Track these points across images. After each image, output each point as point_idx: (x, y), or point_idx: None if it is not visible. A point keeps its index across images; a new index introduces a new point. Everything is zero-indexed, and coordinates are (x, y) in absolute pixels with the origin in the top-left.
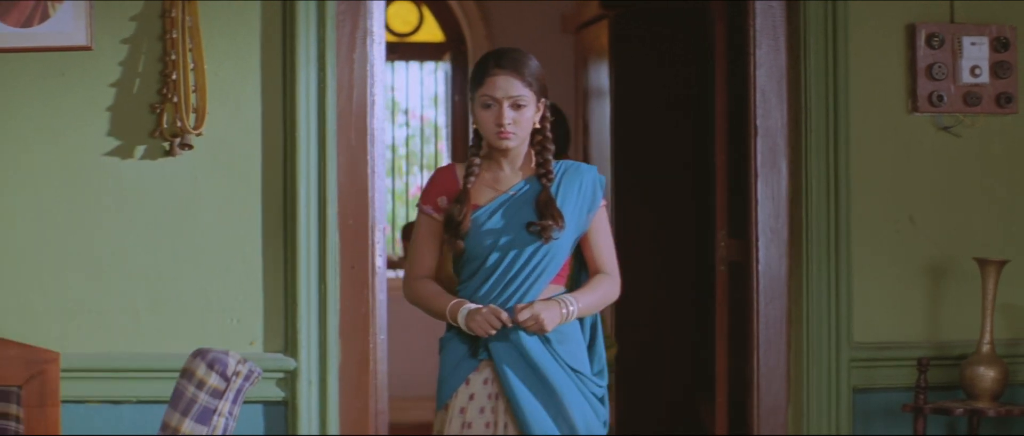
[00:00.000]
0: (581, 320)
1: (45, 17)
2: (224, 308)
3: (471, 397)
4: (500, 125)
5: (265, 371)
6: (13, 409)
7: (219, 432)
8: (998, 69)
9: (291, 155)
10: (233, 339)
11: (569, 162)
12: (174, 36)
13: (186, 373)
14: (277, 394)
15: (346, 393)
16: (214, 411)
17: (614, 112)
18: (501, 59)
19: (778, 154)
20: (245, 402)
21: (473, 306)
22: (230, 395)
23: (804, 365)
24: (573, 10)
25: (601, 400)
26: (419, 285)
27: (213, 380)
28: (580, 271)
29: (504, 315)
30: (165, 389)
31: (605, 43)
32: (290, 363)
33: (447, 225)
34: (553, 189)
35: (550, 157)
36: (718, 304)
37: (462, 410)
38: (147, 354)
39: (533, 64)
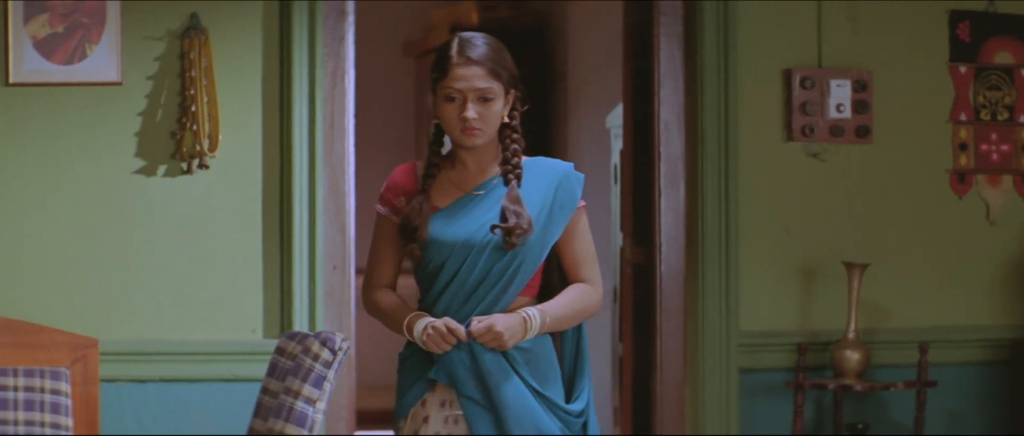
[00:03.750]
0: (561, 338)
1: (83, 57)
2: (231, 301)
3: (425, 419)
4: (465, 121)
5: (263, 354)
6: (63, 387)
7: (326, 394)
8: (858, 106)
9: (287, 174)
10: (238, 327)
11: (542, 159)
12: (192, 74)
13: (304, 351)
14: None
15: None
16: (324, 378)
17: None
18: (466, 47)
19: (678, 175)
20: (248, 380)
21: (429, 320)
22: (335, 365)
23: (699, 350)
24: (417, 37)
25: (583, 428)
26: (378, 296)
27: (325, 354)
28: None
29: (459, 330)
30: (183, 370)
31: None
32: None
33: (403, 231)
34: (523, 189)
35: (519, 153)
36: (623, 300)
37: (415, 433)
38: (169, 340)
39: (502, 52)
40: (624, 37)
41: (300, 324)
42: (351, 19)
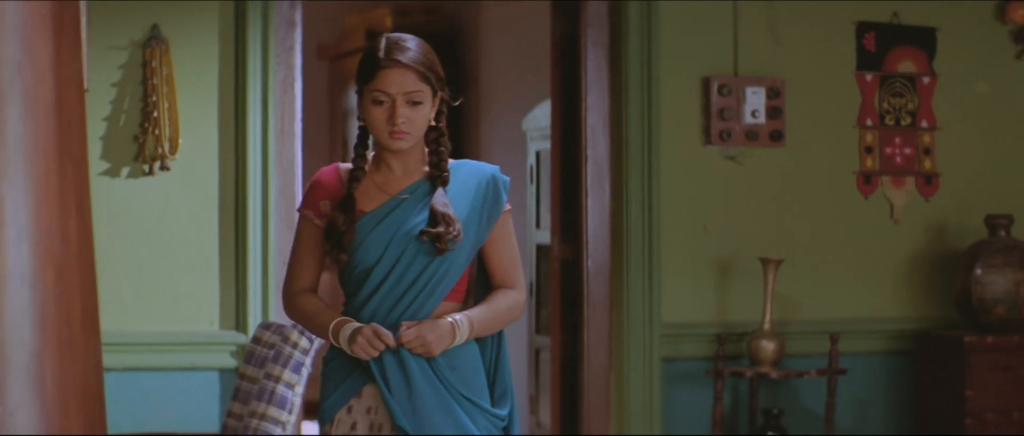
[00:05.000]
0: (482, 343)
1: None
2: (190, 295)
3: (353, 426)
4: (393, 124)
5: (219, 344)
6: None
7: (304, 379)
8: (771, 112)
9: (242, 176)
10: (196, 319)
11: (468, 162)
12: (154, 82)
13: (283, 339)
14: (230, 362)
15: None
16: (302, 364)
17: None
18: (394, 49)
19: (603, 177)
20: (205, 368)
21: (357, 325)
22: (311, 353)
23: (624, 340)
24: (333, 41)
25: (506, 431)
26: (301, 300)
27: (303, 342)
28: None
29: (388, 336)
30: (145, 359)
31: None
32: (241, 338)
33: (328, 235)
34: (450, 192)
35: (446, 156)
36: (552, 295)
37: None
38: (132, 331)
39: (431, 54)
40: (552, 46)
41: (253, 316)
42: (299, 29)
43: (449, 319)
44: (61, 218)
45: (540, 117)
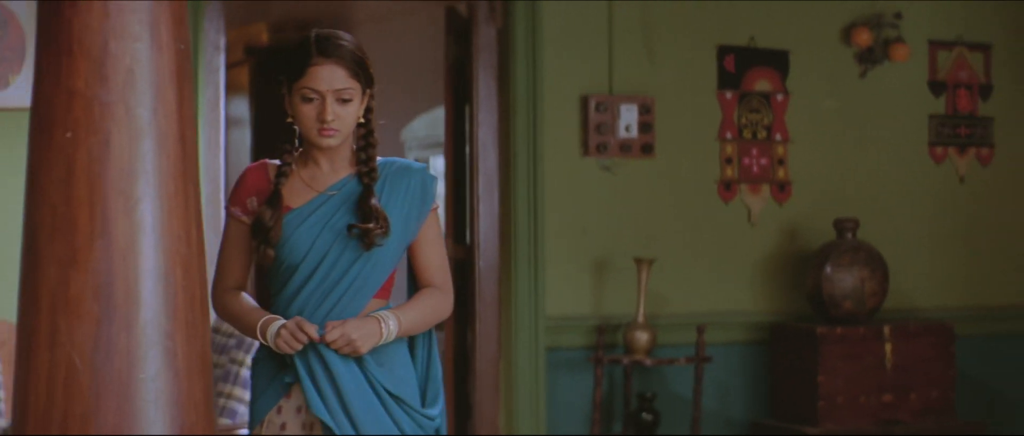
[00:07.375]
0: (413, 343)
1: (6, 85)
2: None
3: (283, 426)
4: (323, 121)
5: None
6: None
7: None
8: (643, 127)
9: None
10: None
11: (396, 159)
12: None
13: None
14: None
15: None
16: None
17: (253, 139)
18: (325, 46)
19: (493, 186)
20: None
21: (283, 322)
22: None
23: (512, 331)
24: None
25: (436, 432)
26: (229, 299)
27: None
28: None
29: (311, 329)
30: None
31: (246, 82)
32: None
33: (256, 231)
34: (378, 189)
35: (374, 154)
36: None
37: None
38: None
39: (361, 51)
40: (446, 69)
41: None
42: (223, 54)
43: (376, 317)
44: (185, 227)
45: (418, 129)
